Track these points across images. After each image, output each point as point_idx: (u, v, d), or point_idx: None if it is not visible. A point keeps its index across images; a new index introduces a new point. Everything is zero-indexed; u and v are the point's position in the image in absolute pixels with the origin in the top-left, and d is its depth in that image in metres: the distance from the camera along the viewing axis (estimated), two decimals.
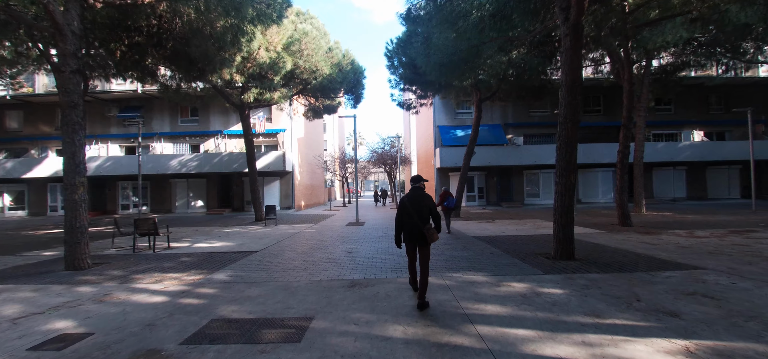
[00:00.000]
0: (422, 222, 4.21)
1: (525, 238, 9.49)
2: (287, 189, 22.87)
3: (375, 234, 11.09)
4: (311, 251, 8.17)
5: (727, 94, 24.15)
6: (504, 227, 12.06)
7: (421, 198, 4.34)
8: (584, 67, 19.66)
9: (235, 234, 11.85)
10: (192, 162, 21.71)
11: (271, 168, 21.25)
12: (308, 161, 27.43)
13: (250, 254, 7.99)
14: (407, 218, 4.28)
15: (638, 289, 4.67)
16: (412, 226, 4.25)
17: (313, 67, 12.72)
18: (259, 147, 23.49)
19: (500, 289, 4.76)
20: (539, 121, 23.15)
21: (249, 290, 5.03)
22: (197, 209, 22.93)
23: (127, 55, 10.49)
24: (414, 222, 4.22)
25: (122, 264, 7.24)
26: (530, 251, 7.49)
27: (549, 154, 21.41)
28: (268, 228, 13.27)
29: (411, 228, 4.26)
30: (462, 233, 10.75)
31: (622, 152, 12.10)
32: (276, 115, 22.76)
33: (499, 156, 21.18)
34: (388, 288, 4.93)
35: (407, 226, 4.31)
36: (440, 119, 22.87)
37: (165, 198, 23.30)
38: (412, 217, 4.23)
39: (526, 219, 14.40)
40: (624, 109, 11.83)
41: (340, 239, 10.11)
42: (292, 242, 9.71)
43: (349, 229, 12.59)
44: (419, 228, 4.21)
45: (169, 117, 23.60)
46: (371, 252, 7.79)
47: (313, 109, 18.06)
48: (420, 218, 4.21)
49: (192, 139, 23.47)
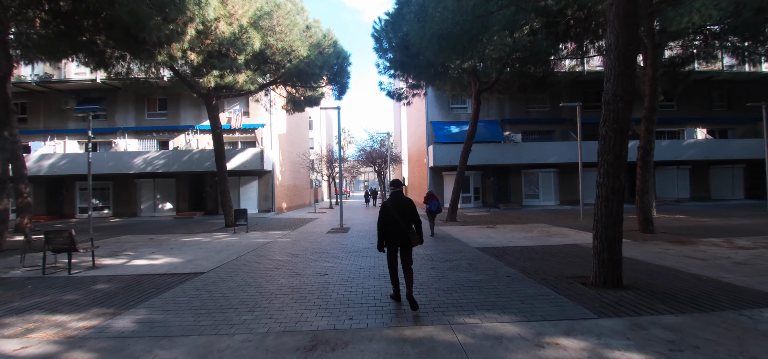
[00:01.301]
0: (406, 225, 4.20)
1: (540, 251, 7.83)
2: (266, 190, 20.85)
3: (359, 244, 9.30)
4: (273, 273, 6.33)
5: (729, 91, 23.18)
6: (509, 234, 10.42)
7: (403, 202, 4.30)
8: (590, 57, 18.28)
9: (193, 245, 9.89)
10: (158, 160, 19.50)
11: (247, 166, 19.22)
12: (291, 160, 25.43)
13: (193, 277, 6.11)
14: (391, 222, 4.21)
15: (753, 347, 3.02)
16: (396, 230, 4.20)
17: (287, 47, 10.81)
18: (236, 143, 21.41)
19: (547, 355, 3.03)
20: (538, 117, 21.72)
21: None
22: (165, 212, 20.71)
23: (51, 24, 8.45)
24: (398, 226, 4.18)
25: (8, 295, 5.28)
26: (557, 272, 5.82)
27: (548, 151, 19.98)
28: (235, 237, 11.34)
29: (395, 232, 4.21)
30: (463, 243, 9.05)
31: (643, 148, 10.62)
32: (254, 108, 20.73)
33: (496, 154, 19.64)
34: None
35: (391, 230, 4.23)
36: (433, 114, 21.21)
37: (130, 200, 20.99)
38: (396, 221, 4.18)
39: (531, 224, 12.82)
40: (646, 99, 10.34)
41: (316, 253, 8.28)
42: (255, 258, 7.83)
43: (330, 238, 10.76)
44: (404, 231, 4.19)
45: (135, 110, 21.30)
46: (351, 275, 6.00)
47: (293, 100, 16.14)
48: (404, 221, 4.19)
49: (160, 134, 21.22)
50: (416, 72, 11.12)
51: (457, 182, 14.62)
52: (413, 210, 4.27)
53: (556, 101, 21.69)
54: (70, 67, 19.91)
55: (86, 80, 19.87)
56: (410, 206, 4.28)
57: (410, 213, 4.24)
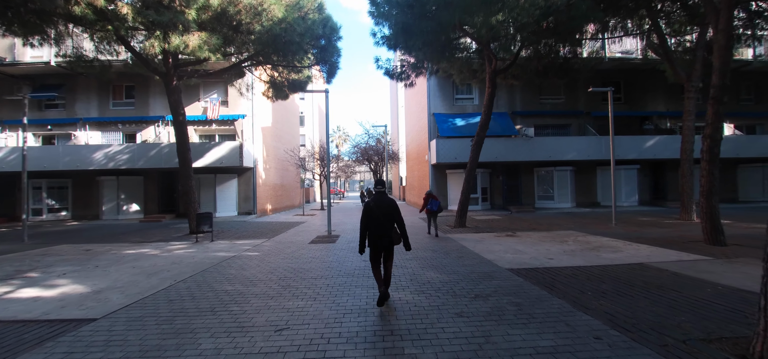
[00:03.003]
0: (390, 226, 4.19)
1: (602, 276, 5.55)
2: (247, 189, 18.41)
3: (348, 261, 6.96)
4: (202, 322, 3.98)
5: (757, 83, 21.18)
6: (540, 246, 8.14)
7: (387, 202, 4.25)
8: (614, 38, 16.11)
9: (130, 261, 7.49)
10: (122, 155, 16.99)
11: (224, 162, 16.77)
12: (278, 156, 23.00)
13: (78, 327, 3.74)
14: (374, 223, 4.17)
15: None
16: (379, 231, 4.16)
17: (256, 3, 8.42)
18: (213, 136, 18.97)
19: None
20: (551, 109, 19.53)
21: None
22: (131, 215, 18.18)
23: None
24: (382, 227, 4.15)
25: None
26: (666, 323, 3.54)
27: (565, 147, 17.79)
28: (192, 249, 8.94)
29: (379, 232, 4.16)
30: (487, 260, 6.74)
31: (710, 137, 8.38)
32: (234, 97, 18.29)
33: (506, 150, 17.40)
34: None
35: (374, 231, 4.17)
36: (436, 105, 18.92)
37: (92, 201, 18.43)
38: (379, 222, 4.15)
39: (557, 231, 10.56)
40: (715, 74, 8.11)
41: (285, 279, 5.92)
42: (196, 287, 5.47)
43: (311, 251, 8.40)
44: (387, 232, 4.16)
45: (98, 99, 18.76)
46: (328, 331, 3.67)
47: (275, 84, 13.75)
48: (387, 221, 4.17)
49: (126, 126, 18.69)
50: (421, 41, 8.84)
51: (467, 180, 12.33)
52: (396, 211, 4.27)
53: (571, 92, 19.56)
54: (24, 49, 17.35)
55: (39, 63, 17.33)
56: (393, 206, 4.26)
57: (393, 214, 4.24)
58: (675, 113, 20.22)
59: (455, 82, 19.08)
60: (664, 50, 13.56)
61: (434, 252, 7.77)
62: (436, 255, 7.43)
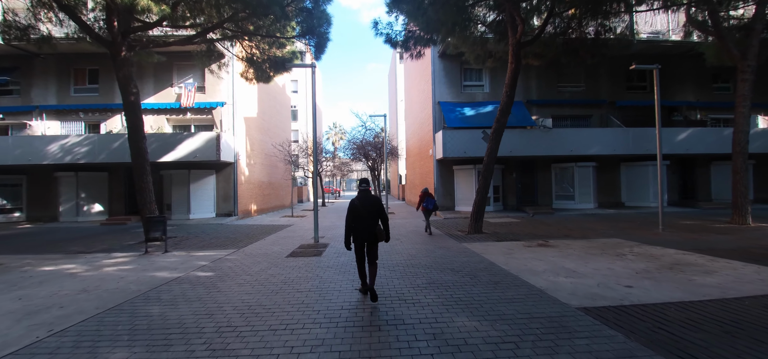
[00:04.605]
0: (373, 222, 4.38)
1: (729, 316, 3.42)
2: (227, 187, 16.18)
3: (333, 297, 4.80)
4: None
5: None
6: (594, 262, 6.00)
7: (371, 200, 4.44)
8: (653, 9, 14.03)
9: (33, 282, 5.30)
10: (80, 147, 14.70)
11: (199, 156, 14.52)
12: (265, 151, 20.74)
13: None
14: (359, 219, 4.35)
15: None
16: (364, 226, 4.34)
17: None
18: (188, 126, 16.71)
19: None
20: (570, 98, 17.43)
21: None
22: (93, 216, 15.88)
23: None
24: (366, 222, 4.34)
25: None
26: None
27: (588, 140, 15.71)
28: (131, 265, 6.74)
29: (363, 228, 4.34)
30: (535, 288, 4.58)
31: None
32: (213, 83, 16.06)
33: (522, 143, 15.29)
34: None
35: (359, 227, 4.35)
36: (441, 93, 16.78)
37: (50, 200, 16.11)
38: (364, 218, 4.34)
39: (599, 239, 8.44)
40: None
41: (224, 334, 3.77)
42: (69, 349, 3.28)
43: (286, 270, 6.23)
44: (371, 228, 4.34)
45: (57, 85, 16.44)
46: None
47: (253, 62, 11.55)
48: (371, 218, 4.36)
49: (89, 114, 16.39)
50: None
51: (483, 177, 10.20)
52: (380, 208, 4.45)
53: (593, 80, 17.49)
54: None
55: None
56: (378, 204, 4.45)
57: (377, 211, 4.42)
58: (706, 104, 18.23)
59: (463, 68, 17.00)
60: (714, 22, 11.50)
61: (456, 273, 5.63)
62: (460, 279, 5.28)
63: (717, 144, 16.61)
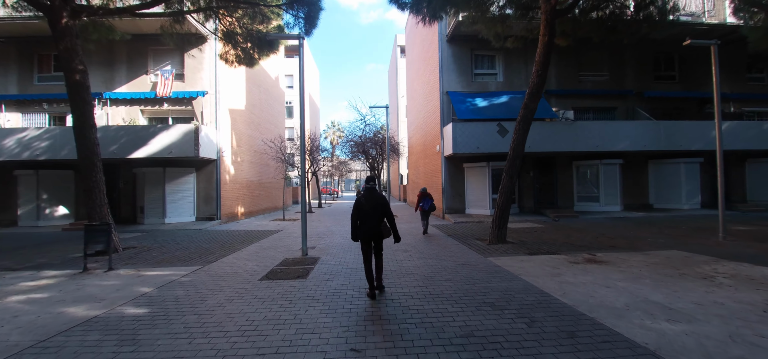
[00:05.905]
0: (379, 219, 4.37)
1: None
2: (209, 187, 14.37)
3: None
4: None
5: None
6: (679, 290, 4.22)
7: (377, 198, 4.44)
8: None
9: None
10: (40, 141, 12.90)
11: (176, 152, 12.72)
12: (254, 147, 18.93)
13: None
14: (364, 217, 4.36)
15: None
16: (369, 224, 4.34)
17: None
18: (165, 119, 14.90)
19: None
20: (592, 88, 15.68)
21: None
22: (56, 220, 14.03)
23: None
24: (372, 220, 4.34)
25: None
26: None
27: (614, 134, 13.97)
28: (45, 294, 4.97)
29: (369, 225, 4.34)
30: (620, 335, 2.80)
31: None
32: (193, 70, 14.28)
33: (542, 137, 13.50)
34: None
35: (365, 224, 4.36)
36: (450, 82, 15.01)
37: (9, 202, 14.27)
38: (369, 216, 4.34)
39: (657, 252, 6.66)
40: None
41: None
42: None
43: (253, 305, 4.47)
44: (377, 226, 4.35)
45: (18, 73, 14.62)
46: None
47: (232, 40, 9.79)
48: (377, 215, 4.36)
49: (55, 106, 14.56)
50: None
51: (509, 174, 8.44)
52: (386, 206, 4.47)
53: (617, 68, 15.76)
54: None
55: None
56: (383, 202, 4.46)
57: (383, 209, 4.43)
58: (740, 96, 16.52)
59: (474, 55, 15.23)
60: None
61: (499, 313, 3.85)
62: (510, 327, 3.51)
63: (757, 139, 14.91)
